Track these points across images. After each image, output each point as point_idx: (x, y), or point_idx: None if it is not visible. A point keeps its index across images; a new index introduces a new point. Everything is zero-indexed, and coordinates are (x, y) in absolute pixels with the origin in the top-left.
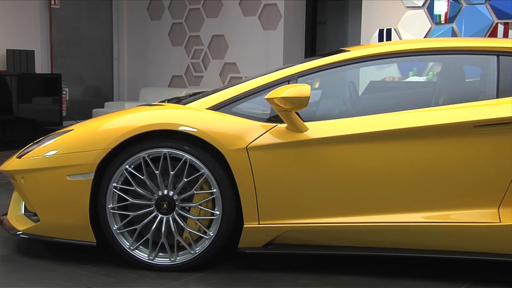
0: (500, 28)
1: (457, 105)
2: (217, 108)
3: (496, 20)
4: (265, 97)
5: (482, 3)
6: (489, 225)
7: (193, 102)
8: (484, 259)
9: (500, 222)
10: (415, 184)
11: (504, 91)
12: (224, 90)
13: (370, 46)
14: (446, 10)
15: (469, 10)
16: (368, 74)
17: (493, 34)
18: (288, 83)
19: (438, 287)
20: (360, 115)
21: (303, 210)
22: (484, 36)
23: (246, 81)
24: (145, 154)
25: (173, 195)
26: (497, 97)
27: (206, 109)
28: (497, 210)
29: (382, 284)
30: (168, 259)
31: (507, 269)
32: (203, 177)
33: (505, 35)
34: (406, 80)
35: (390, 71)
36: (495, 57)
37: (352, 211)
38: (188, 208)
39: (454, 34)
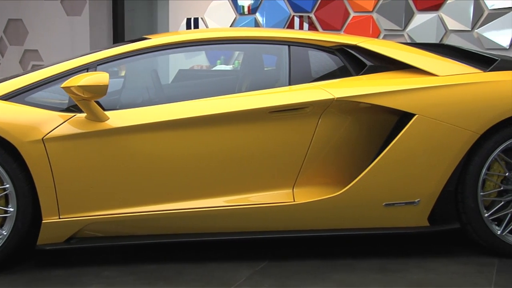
0: (296, 21)
1: (254, 92)
2: (7, 98)
3: (292, 13)
4: (61, 85)
5: None
6: (284, 205)
7: None
8: (282, 237)
9: (294, 201)
10: (216, 170)
11: (295, 79)
12: (16, 79)
13: (171, 34)
14: (249, 2)
15: (269, 3)
16: (178, 62)
17: (291, 25)
18: (87, 71)
19: (242, 267)
20: (165, 103)
21: (106, 201)
22: (283, 27)
23: (41, 69)
24: None
25: None
26: (289, 84)
27: None
28: (292, 190)
29: (187, 268)
30: None
31: (302, 243)
32: None
33: (301, 27)
34: (214, 68)
35: (199, 59)
36: (287, 46)
37: (156, 199)
38: None
39: (257, 25)
